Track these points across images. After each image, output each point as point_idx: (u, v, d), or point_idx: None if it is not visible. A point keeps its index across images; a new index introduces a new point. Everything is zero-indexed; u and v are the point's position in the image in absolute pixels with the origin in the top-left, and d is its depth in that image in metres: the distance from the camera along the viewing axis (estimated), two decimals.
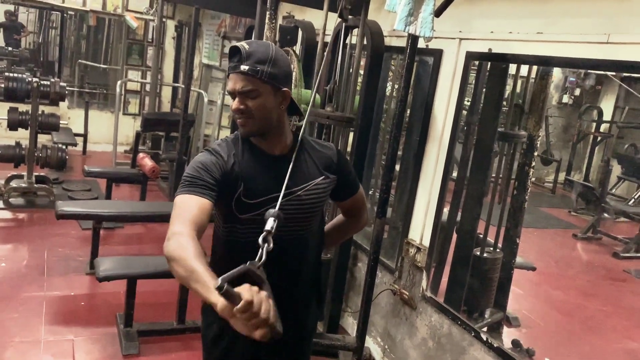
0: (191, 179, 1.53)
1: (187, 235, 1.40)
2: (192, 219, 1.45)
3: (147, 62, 7.80)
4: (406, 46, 2.72)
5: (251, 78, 1.53)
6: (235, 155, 1.61)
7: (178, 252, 1.36)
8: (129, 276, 3.19)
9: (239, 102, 1.55)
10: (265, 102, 1.56)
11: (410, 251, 3.15)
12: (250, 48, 1.53)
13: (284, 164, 1.63)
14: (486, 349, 2.62)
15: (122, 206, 4.19)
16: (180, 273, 1.34)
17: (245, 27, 5.46)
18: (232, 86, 1.56)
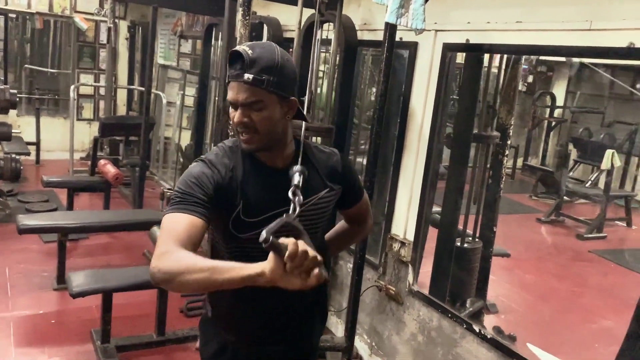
0: (182, 195, 1.39)
1: (178, 251, 1.27)
2: (183, 239, 1.30)
3: (99, 64, 7.51)
4: (384, 39, 2.68)
5: (256, 88, 1.37)
6: (234, 167, 1.46)
7: (181, 264, 1.24)
8: (105, 290, 3.04)
9: (242, 115, 1.40)
10: (271, 115, 1.41)
11: (394, 246, 3.13)
12: (254, 53, 1.37)
13: (286, 178, 1.46)
14: (479, 340, 2.62)
15: (88, 216, 4.00)
16: (195, 279, 1.21)
17: (204, 25, 5.32)
18: (233, 96, 1.40)
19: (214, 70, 5.33)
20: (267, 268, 1.15)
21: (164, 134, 6.89)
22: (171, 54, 6.91)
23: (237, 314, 1.59)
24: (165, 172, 6.87)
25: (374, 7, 3.34)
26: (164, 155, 6.96)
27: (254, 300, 1.54)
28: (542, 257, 5.63)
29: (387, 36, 2.64)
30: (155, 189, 6.53)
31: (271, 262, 1.14)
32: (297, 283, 1.15)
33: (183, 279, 1.22)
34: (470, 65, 2.97)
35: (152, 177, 6.73)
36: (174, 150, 6.75)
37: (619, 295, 4.76)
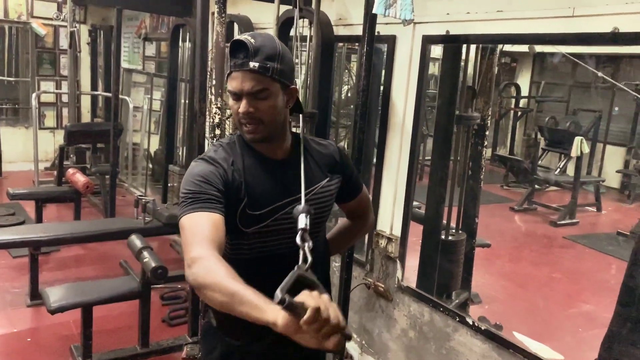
0: (194, 195, 1.35)
1: (211, 258, 1.23)
2: (210, 238, 1.27)
3: (60, 71, 7.26)
4: (363, 33, 2.64)
5: (261, 76, 1.36)
6: (235, 163, 1.45)
7: (209, 278, 1.20)
8: (85, 304, 2.92)
9: (247, 105, 1.38)
10: (275, 103, 1.41)
11: (381, 242, 3.10)
12: (257, 42, 1.36)
13: (287, 169, 1.49)
14: (473, 332, 2.60)
15: (59, 228, 3.84)
16: (218, 299, 1.18)
17: (170, 27, 5.20)
18: (238, 86, 1.38)
19: (182, 72, 5.21)
20: (280, 323, 1.06)
21: (131, 140, 6.72)
22: (136, 58, 6.74)
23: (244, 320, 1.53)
24: (135, 179, 6.70)
25: (348, 2, 3.30)
26: (133, 162, 6.78)
27: None
28: (519, 245, 5.71)
29: (367, 29, 2.60)
30: (126, 196, 6.37)
31: (286, 317, 1.04)
32: (312, 343, 1.05)
33: (209, 294, 1.20)
34: (450, 57, 2.95)
35: (122, 185, 6.55)
36: (142, 157, 6.59)
37: (595, 279, 4.86)
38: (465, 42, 2.74)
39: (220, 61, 2.64)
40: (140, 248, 3.13)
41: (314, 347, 1.06)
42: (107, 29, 6.75)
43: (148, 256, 3.05)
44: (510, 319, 3.76)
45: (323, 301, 1.03)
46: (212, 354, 1.61)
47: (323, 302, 1.03)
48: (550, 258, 5.30)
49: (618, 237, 5.72)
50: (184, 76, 5.19)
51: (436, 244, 3.22)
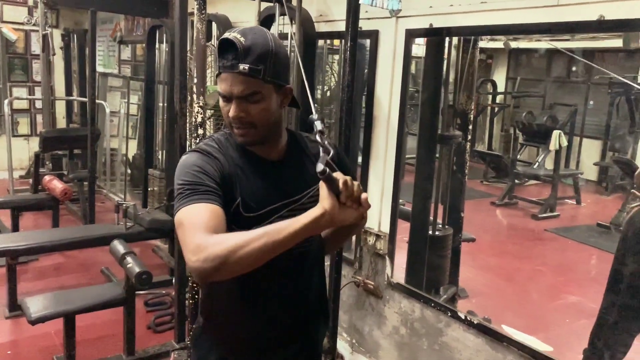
0: (191, 186, 1.26)
1: (214, 236, 1.17)
2: (211, 227, 1.19)
3: (33, 77, 7.10)
4: (346, 28, 2.61)
5: (252, 79, 1.27)
6: (228, 160, 1.36)
7: (228, 244, 1.13)
8: (67, 313, 2.83)
9: (237, 109, 1.30)
10: (268, 106, 1.32)
11: (369, 240, 3.07)
12: (247, 41, 1.27)
13: (283, 170, 1.42)
14: (465, 327, 2.59)
15: (38, 236, 3.73)
16: (255, 249, 1.13)
17: (147, 28, 5.11)
18: (227, 88, 1.29)
19: (159, 74, 5.13)
20: (327, 205, 1.15)
21: (109, 145, 6.59)
22: (111, 61, 6.62)
23: (239, 322, 1.48)
24: (113, 185, 6.57)
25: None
26: (111, 168, 6.66)
27: (257, 305, 1.44)
28: (502, 239, 5.74)
29: (350, 24, 2.57)
30: (105, 202, 6.25)
31: (327, 198, 1.15)
32: (352, 214, 1.18)
33: (239, 255, 1.13)
34: (433, 50, 2.94)
35: (100, 191, 6.42)
36: (120, 162, 6.47)
37: (579, 270, 4.90)
38: (449, 35, 2.73)
39: (202, 59, 2.58)
40: (124, 254, 3.05)
41: (356, 218, 1.19)
42: (80, 33, 6.62)
43: (132, 261, 2.98)
44: (498, 312, 3.76)
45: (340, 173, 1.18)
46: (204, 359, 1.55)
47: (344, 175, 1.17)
48: (533, 251, 5.33)
49: (598, 228, 5.78)
50: (161, 78, 5.11)
51: (424, 239, 3.20)
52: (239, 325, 1.48)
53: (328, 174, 1.13)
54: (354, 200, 1.17)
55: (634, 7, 1.92)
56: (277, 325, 1.49)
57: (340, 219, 1.17)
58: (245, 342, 1.48)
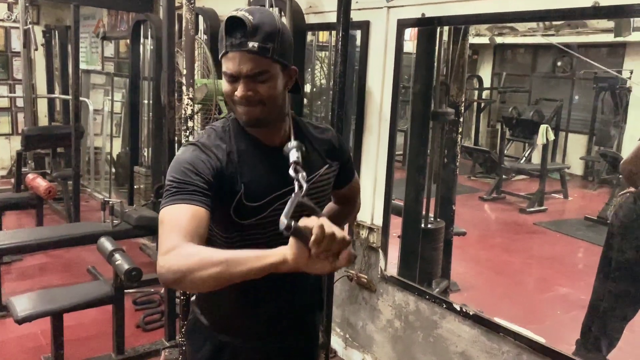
0: (179, 185, 1.23)
1: (189, 246, 1.14)
2: (189, 232, 1.16)
3: (14, 74, 6.96)
4: (338, 17, 2.57)
5: (261, 58, 1.24)
6: (229, 150, 1.32)
7: (190, 261, 1.10)
8: (54, 312, 2.76)
9: (246, 88, 1.26)
10: (275, 85, 1.28)
11: (362, 233, 3.04)
12: (256, 19, 1.23)
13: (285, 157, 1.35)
14: (461, 318, 2.57)
15: (22, 235, 3.64)
16: (210, 275, 1.08)
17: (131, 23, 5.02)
18: (235, 68, 1.25)
19: (144, 70, 5.05)
20: (290, 255, 1.04)
21: (93, 144, 6.48)
22: (94, 58, 6.51)
23: (238, 317, 1.44)
24: (98, 184, 6.47)
25: None
26: (95, 166, 6.55)
27: (257, 301, 1.41)
28: (492, 233, 5.75)
29: (342, 13, 2.53)
30: (90, 202, 6.15)
31: (293, 247, 1.04)
32: (324, 267, 1.05)
33: (195, 276, 1.09)
34: (425, 41, 2.91)
35: (85, 190, 6.31)
36: (105, 161, 6.37)
37: (568, 263, 4.92)
38: (441, 24, 2.70)
39: (191, 50, 2.53)
40: (112, 250, 2.99)
41: (327, 272, 1.08)
42: (62, 29, 6.50)
43: (120, 258, 2.92)
44: (490, 305, 3.75)
45: (324, 221, 1.02)
46: (199, 352, 1.50)
47: (324, 222, 1.01)
48: (522, 244, 5.35)
49: (586, 222, 5.82)
50: (146, 74, 5.03)
51: (417, 232, 3.18)
52: (235, 314, 1.45)
53: (294, 229, 1.01)
54: (329, 256, 1.04)
55: None
56: (273, 314, 1.46)
57: (308, 270, 1.06)
58: (241, 331, 1.45)
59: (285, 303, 1.46)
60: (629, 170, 2.39)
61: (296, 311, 1.50)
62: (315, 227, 1.00)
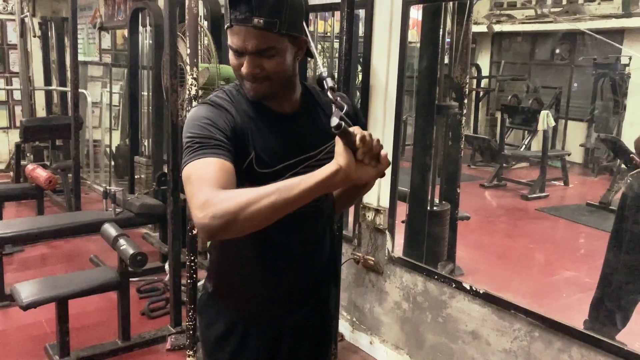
0: (201, 139, 1.17)
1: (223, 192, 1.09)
2: (221, 183, 1.11)
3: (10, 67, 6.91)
4: None
5: (267, 33, 1.18)
6: (240, 114, 1.27)
7: (237, 200, 1.06)
8: (60, 297, 2.73)
9: (252, 65, 1.22)
10: (283, 60, 1.23)
11: (368, 215, 3.01)
12: None
13: (298, 124, 1.34)
14: (471, 297, 2.55)
15: (24, 224, 3.60)
16: (266, 206, 1.05)
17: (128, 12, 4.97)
18: (240, 43, 1.20)
19: (143, 59, 5.01)
20: (342, 161, 1.06)
21: (92, 136, 6.44)
22: (91, 49, 6.47)
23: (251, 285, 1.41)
24: (97, 176, 6.42)
25: None
26: (94, 159, 6.51)
27: (275, 270, 1.38)
28: (494, 219, 5.73)
29: None
30: (89, 194, 6.10)
31: (343, 153, 1.06)
32: (370, 172, 1.09)
33: (249, 211, 1.05)
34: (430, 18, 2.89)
35: (84, 183, 6.26)
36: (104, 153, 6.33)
37: (572, 247, 4.91)
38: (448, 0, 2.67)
39: (194, 29, 2.50)
40: (116, 236, 2.96)
41: (373, 177, 1.11)
42: (58, 21, 6.44)
43: (125, 243, 2.89)
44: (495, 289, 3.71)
45: (358, 127, 1.08)
46: (213, 326, 1.46)
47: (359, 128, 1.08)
48: (525, 229, 5.34)
49: (588, 207, 5.81)
50: (145, 63, 4.99)
51: (423, 214, 3.16)
52: (250, 287, 1.42)
53: (344, 128, 1.04)
54: (372, 157, 1.08)
55: None
56: (290, 286, 1.43)
57: (356, 177, 1.07)
58: (257, 305, 1.42)
59: (302, 273, 1.43)
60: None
61: (313, 283, 1.47)
62: (357, 128, 1.06)
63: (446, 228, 3.43)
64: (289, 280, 1.42)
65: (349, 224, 3.21)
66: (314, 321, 1.52)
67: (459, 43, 3.35)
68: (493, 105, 9.12)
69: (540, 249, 4.83)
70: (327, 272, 1.53)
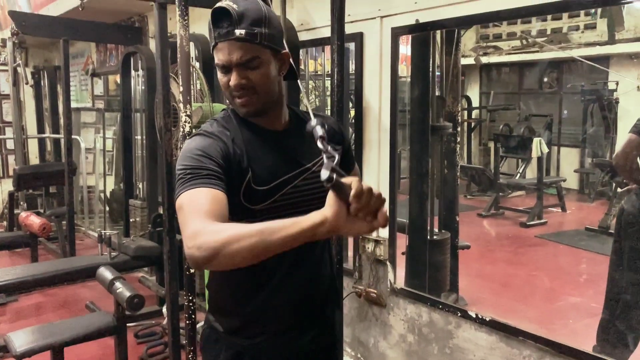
0: (192, 170, 1.21)
1: (212, 224, 1.11)
2: (212, 213, 1.13)
3: (3, 117, 6.92)
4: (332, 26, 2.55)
5: (249, 44, 1.26)
6: (233, 136, 1.32)
7: (222, 235, 1.07)
8: (55, 345, 2.64)
9: (238, 77, 1.28)
10: (268, 71, 1.30)
11: (368, 247, 2.97)
12: (240, 7, 1.25)
13: (290, 140, 1.39)
14: (477, 325, 2.49)
15: (18, 272, 3.53)
16: (246, 247, 1.05)
17: (120, 58, 5.02)
18: (225, 57, 1.27)
19: (135, 102, 5.03)
20: (329, 214, 1.01)
21: (85, 182, 6.40)
22: (84, 95, 6.50)
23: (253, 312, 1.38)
24: (92, 222, 6.36)
25: (309, 7, 3.25)
26: (89, 205, 6.46)
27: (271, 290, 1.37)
28: (494, 247, 5.69)
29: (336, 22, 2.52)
30: (84, 240, 6.04)
31: (333, 205, 1.01)
32: (362, 227, 1.03)
33: (230, 249, 1.05)
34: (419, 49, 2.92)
35: (79, 229, 6.20)
36: (98, 199, 6.28)
37: (574, 272, 4.86)
38: (436, 28, 2.70)
39: (186, 67, 2.50)
40: (112, 279, 2.90)
41: (365, 232, 1.07)
42: (50, 69, 6.51)
43: (121, 286, 2.83)
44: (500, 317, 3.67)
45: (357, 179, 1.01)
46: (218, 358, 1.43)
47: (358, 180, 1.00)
48: (526, 257, 5.29)
49: (587, 232, 5.78)
50: (137, 106, 5.01)
51: (424, 243, 3.12)
52: (252, 314, 1.39)
53: (336, 181, 0.98)
54: (368, 213, 1.02)
55: None
56: (293, 312, 1.41)
57: (345, 230, 1.04)
58: (260, 332, 1.39)
59: (304, 299, 1.41)
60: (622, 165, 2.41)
61: (316, 308, 1.45)
62: (354, 182, 0.98)
63: (447, 257, 3.39)
64: (291, 306, 1.40)
65: (349, 258, 3.16)
66: (321, 344, 1.49)
67: (449, 73, 3.39)
68: (485, 135, 9.18)
69: (543, 276, 4.77)
70: (329, 295, 1.51)
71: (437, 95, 3.34)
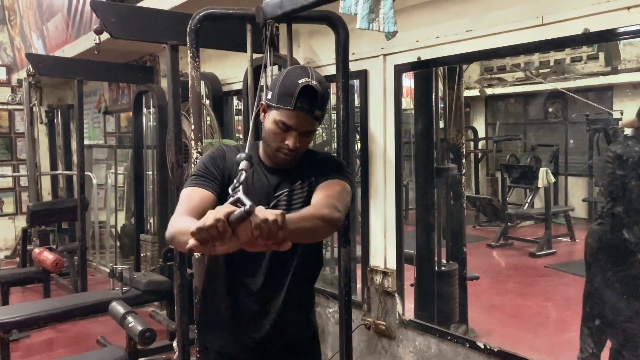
0: (198, 172, 1.61)
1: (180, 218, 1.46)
2: (193, 208, 1.48)
3: (17, 155, 7.08)
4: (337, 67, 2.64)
5: (316, 121, 1.58)
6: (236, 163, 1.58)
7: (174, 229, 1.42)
8: None
9: (297, 142, 1.57)
10: (312, 138, 1.65)
11: (376, 279, 3.00)
12: (322, 89, 1.55)
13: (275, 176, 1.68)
14: (486, 356, 2.50)
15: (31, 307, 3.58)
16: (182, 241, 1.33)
17: (132, 96, 5.16)
18: (295, 124, 1.55)
19: (147, 139, 5.14)
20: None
21: (97, 217, 6.49)
22: (96, 133, 6.64)
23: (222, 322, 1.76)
24: (103, 257, 6.43)
25: (315, 46, 3.36)
26: (100, 240, 6.53)
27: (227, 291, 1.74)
28: (503, 278, 5.67)
29: (341, 60, 2.60)
30: (95, 275, 6.09)
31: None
32: (258, 246, 1.28)
33: (177, 239, 1.40)
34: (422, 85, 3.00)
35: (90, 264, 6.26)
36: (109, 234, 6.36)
37: None
38: (437, 65, 2.79)
39: (198, 106, 2.60)
40: (124, 313, 2.94)
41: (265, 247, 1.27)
42: (64, 108, 6.68)
43: (133, 320, 2.86)
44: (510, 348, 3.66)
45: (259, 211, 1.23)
46: None
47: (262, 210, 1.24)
48: (536, 287, 5.27)
49: None
50: (149, 143, 5.12)
51: (432, 274, 3.15)
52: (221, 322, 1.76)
53: (236, 197, 1.33)
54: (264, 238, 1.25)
55: (615, 18, 1.99)
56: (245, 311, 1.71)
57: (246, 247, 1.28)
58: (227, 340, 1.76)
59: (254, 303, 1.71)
60: None
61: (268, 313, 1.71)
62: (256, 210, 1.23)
63: (456, 288, 3.40)
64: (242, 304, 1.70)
65: (357, 290, 3.19)
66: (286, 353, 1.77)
67: (452, 106, 3.46)
68: (492, 165, 9.23)
69: (554, 306, 4.75)
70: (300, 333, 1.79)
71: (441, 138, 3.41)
